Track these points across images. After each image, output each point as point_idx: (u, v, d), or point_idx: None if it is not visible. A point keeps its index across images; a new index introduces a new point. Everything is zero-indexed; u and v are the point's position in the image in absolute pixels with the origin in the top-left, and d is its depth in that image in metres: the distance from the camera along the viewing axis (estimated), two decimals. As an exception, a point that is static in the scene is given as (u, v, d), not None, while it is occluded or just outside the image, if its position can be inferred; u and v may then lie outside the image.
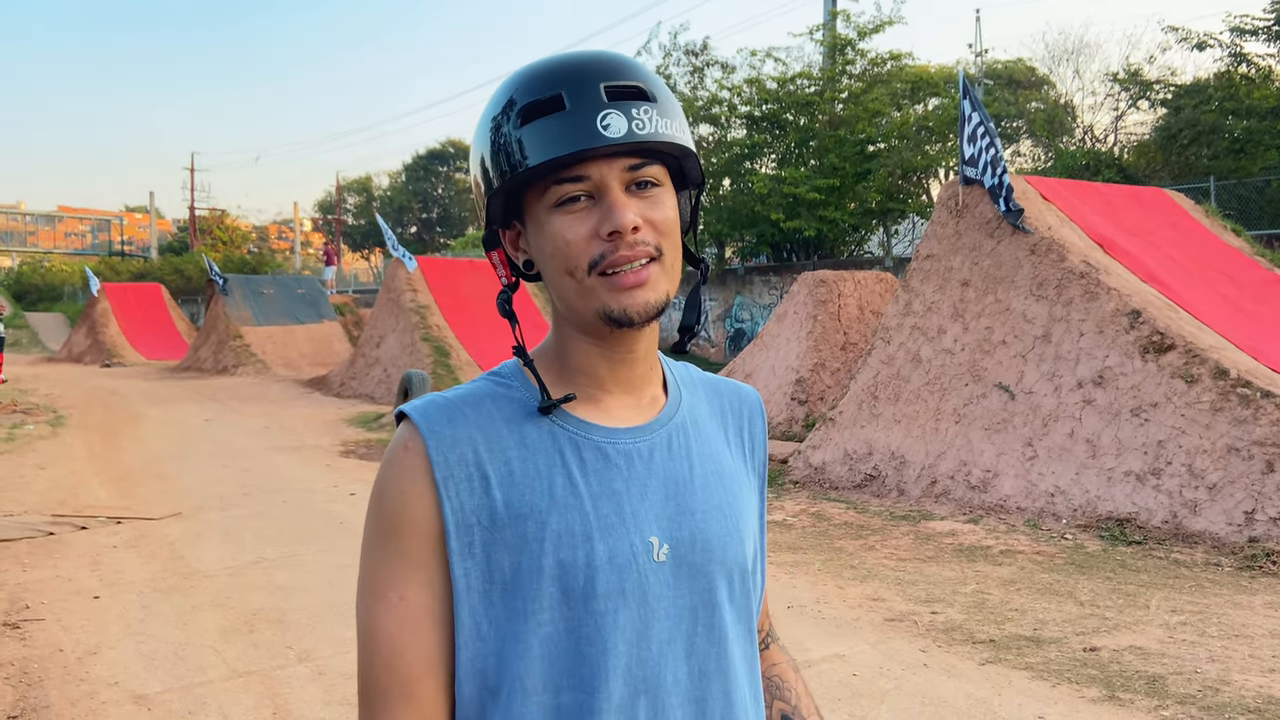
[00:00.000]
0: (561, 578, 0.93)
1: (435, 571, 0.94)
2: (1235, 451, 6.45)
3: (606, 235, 0.94)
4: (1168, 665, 4.36)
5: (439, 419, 0.97)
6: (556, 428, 0.99)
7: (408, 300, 18.69)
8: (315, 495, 8.80)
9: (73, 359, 30.82)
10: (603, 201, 0.95)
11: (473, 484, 0.95)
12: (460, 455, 0.95)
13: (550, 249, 0.96)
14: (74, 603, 5.57)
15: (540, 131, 0.93)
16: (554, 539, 0.94)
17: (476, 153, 1.00)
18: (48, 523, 7.61)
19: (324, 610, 5.38)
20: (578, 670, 0.94)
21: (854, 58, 21.16)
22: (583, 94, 0.93)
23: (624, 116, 0.93)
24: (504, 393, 1.01)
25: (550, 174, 0.94)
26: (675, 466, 1.01)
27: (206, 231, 50.38)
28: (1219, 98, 16.65)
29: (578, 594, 0.93)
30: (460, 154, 50.52)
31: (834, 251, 21.98)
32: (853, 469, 8.71)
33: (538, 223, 0.97)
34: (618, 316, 0.95)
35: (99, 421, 14.80)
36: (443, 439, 0.96)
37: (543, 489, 0.95)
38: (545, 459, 0.97)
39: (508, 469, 0.96)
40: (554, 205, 0.95)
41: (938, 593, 5.59)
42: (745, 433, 1.13)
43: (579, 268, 0.95)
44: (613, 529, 0.95)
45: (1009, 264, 8.40)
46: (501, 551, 0.94)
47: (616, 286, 0.94)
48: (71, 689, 4.29)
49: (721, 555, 1.01)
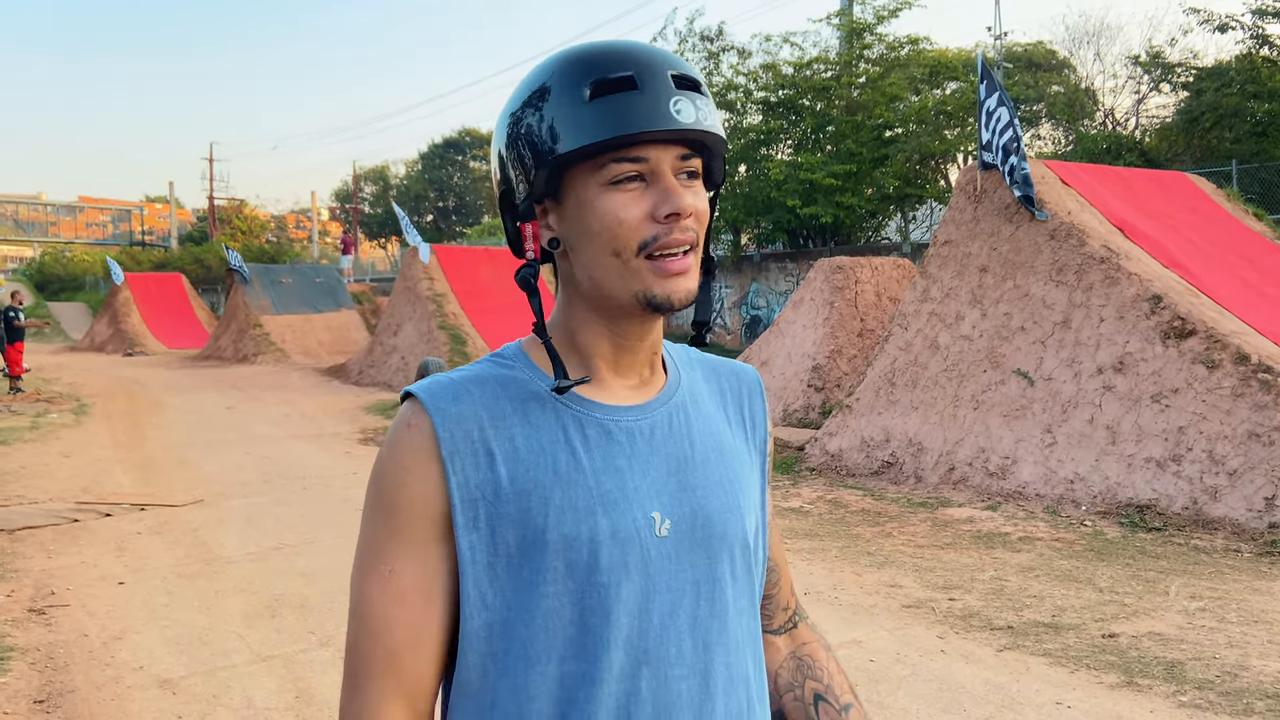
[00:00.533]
0: (565, 551, 0.95)
1: (432, 548, 0.96)
2: (1256, 437, 6.41)
3: (664, 217, 0.95)
4: (1186, 651, 4.35)
5: (444, 397, 0.99)
6: (560, 406, 1.00)
7: (424, 289, 18.75)
8: (335, 482, 8.87)
9: (95, 348, 31.11)
10: (658, 184, 0.96)
11: (478, 459, 0.96)
12: (465, 431, 0.97)
13: (599, 226, 0.96)
14: (99, 588, 5.65)
15: (612, 107, 0.94)
16: (558, 513, 0.95)
17: (520, 125, 0.99)
18: (72, 510, 7.70)
19: (344, 595, 5.43)
20: (580, 640, 0.95)
21: (871, 42, 21.01)
22: (654, 77, 0.95)
23: (692, 105, 0.95)
24: (506, 374, 1.02)
25: (609, 151, 0.95)
26: (676, 444, 1.03)
27: (225, 221, 50.64)
28: (1241, 80, 16.43)
29: (581, 567, 0.95)
30: (476, 142, 50.50)
31: (851, 238, 21.87)
32: (870, 456, 8.70)
33: (582, 200, 0.97)
34: (659, 302, 0.96)
35: (122, 410, 14.95)
36: (448, 416, 0.97)
37: (547, 465, 0.97)
38: (549, 435, 0.98)
39: (512, 445, 0.97)
40: (607, 183, 0.96)
41: (955, 579, 5.59)
42: (745, 410, 1.14)
43: (628, 248, 0.96)
44: (616, 504, 0.97)
45: (1028, 249, 8.35)
46: (506, 526, 0.96)
47: (663, 272, 0.96)
48: (97, 673, 4.35)
49: (722, 531, 1.03)
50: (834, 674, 1.20)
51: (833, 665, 1.21)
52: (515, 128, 1.00)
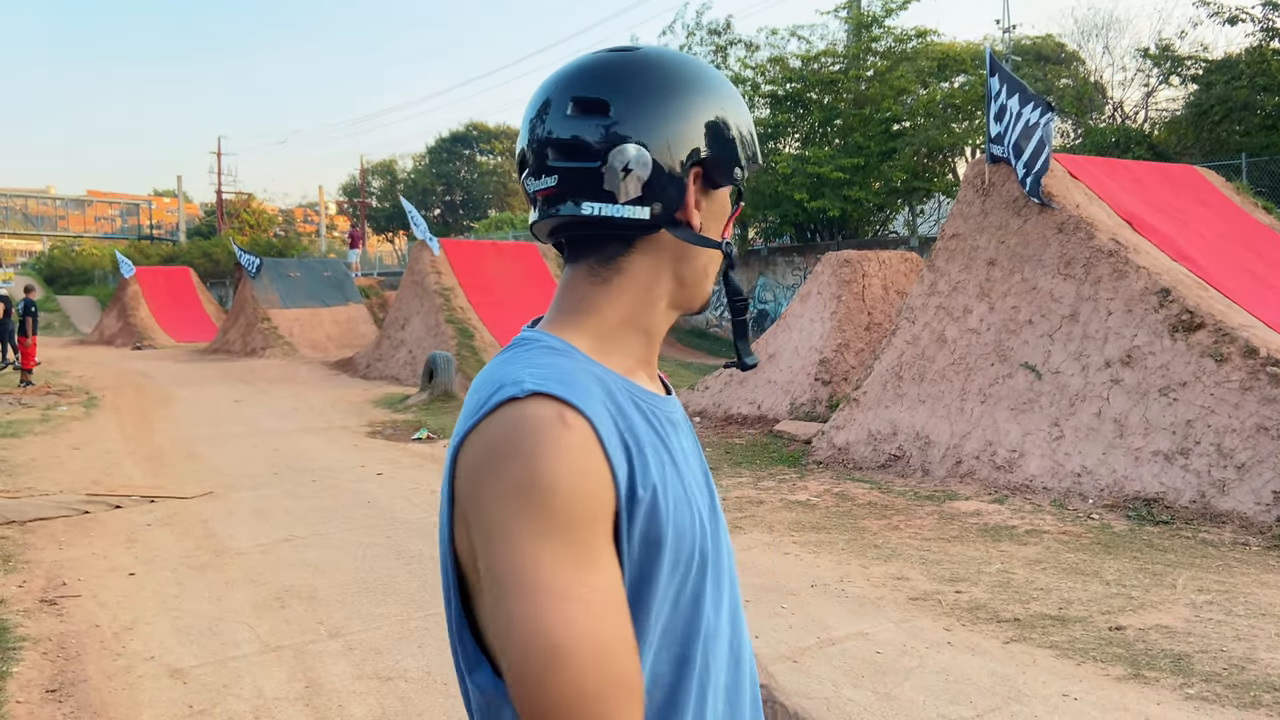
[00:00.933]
0: (676, 540, 0.93)
1: (612, 551, 0.88)
2: (1265, 431, 6.39)
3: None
4: (1194, 644, 4.35)
5: (579, 390, 0.90)
6: (639, 401, 0.98)
7: (432, 283, 18.78)
8: (343, 475, 8.90)
9: (104, 341, 31.23)
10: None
11: (627, 453, 0.91)
12: (613, 424, 0.91)
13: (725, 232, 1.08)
14: (110, 579, 5.69)
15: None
16: (672, 505, 0.93)
17: (732, 120, 1.06)
18: (83, 502, 7.75)
19: (354, 587, 5.46)
20: (678, 626, 0.97)
21: (879, 35, 20.96)
22: None
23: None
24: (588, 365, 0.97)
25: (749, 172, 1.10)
26: (690, 435, 1.10)
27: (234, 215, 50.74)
28: (1251, 73, 16.34)
29: (685, 554, 0.95)
30: (484, 136, 50.48)
31: (858, 231, 21.83)
32: (877, 449, 8.70)
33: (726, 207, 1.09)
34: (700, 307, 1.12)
35: (131, 403, 15.01)
36: (596, 412, 0.89)
37: (655, 455, 0.94)
38: (641, 425, 0.95)
39: (635, 436, 0.93)
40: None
41: (962, 572, 5.59)
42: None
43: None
44: (694, 491, 1.00)
45: (1036, 243, 8.33)
46: (638, 522, 0.90)
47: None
48: (108, 663, 4.39)
49: (720, 511, 1.10)
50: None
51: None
52: (726, 116, 1.05)
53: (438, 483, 8.46)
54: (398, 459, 9.80)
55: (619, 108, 0.98)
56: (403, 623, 4.86)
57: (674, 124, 1.00)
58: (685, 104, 1.01)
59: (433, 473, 9.00)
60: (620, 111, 0.98)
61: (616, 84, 0.99)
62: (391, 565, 5.89)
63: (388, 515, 7.25)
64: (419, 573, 5.72)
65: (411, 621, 4.87)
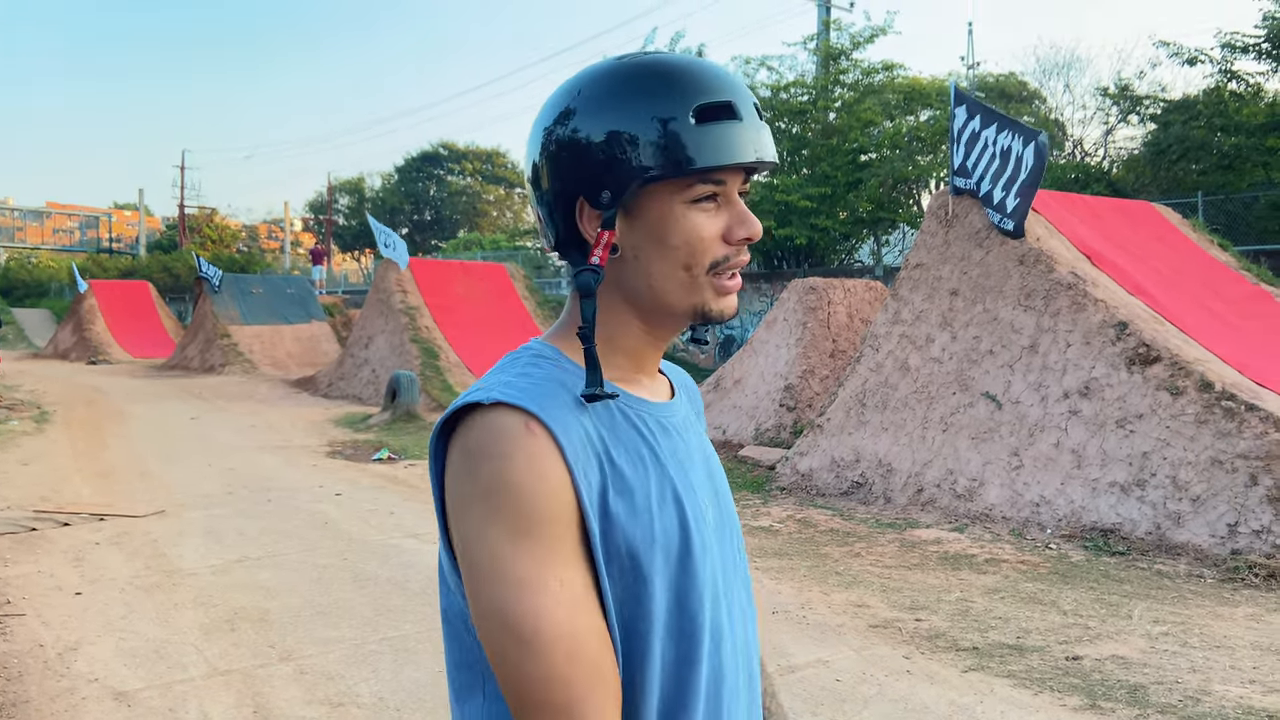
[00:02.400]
0: (665, 543, 0.98)
1: (581, 551, 0.93)
2: (1219, 464, 6.49)
3: (740, 240, 1.02)
4: (1149, 675, 4.38)
5: (546, 400, 0.94)
6: (621, 407, 1.02)
7: (397, 301, 18.64)
8: (300, 495, 8.76)
9: (58, 355, 30.63)
10: (731, 208, 1.02)
11: (591, 461, 0.95)
12: (580, 434, 0.95)
13: (677, 241, 1.00)
14: (55, 599, 5.53)
15: (719, 135, 0.98)
16: (656, 507, 0.98)
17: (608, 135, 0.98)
18: (30, 518, 7.55)
19: (307, 610, 5.35)
20: (679, 626, 0.99)
21: (847, 67, 21.25)
22: (748, 107, 1.01)
23: (770, 138, 1.03)
24: (565, 375, 1.00)
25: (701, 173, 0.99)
26: (696, 437, 1.12)
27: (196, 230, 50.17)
28: (1208, 114, 16.75)
29: (675, 556, 0.98)
30: (454, 156, 50.44)
31: (825, 259, 22.03)
32: (840, 476, 8.72)
33: (663, 215, 1.00)
34: (715, 316, 1.03)
35: (83, 418, 14.71)
36: (559, 420, 0.94)
37: (636, 460, 0.99)
38: (625, 433, 1.00)
39: (604, 444, 0.97)
40: (689, 201, 1.00)
41: (922, 600, 5.60)
42: (699, 410, 1.24)
43: (701, 264, 1.01)
44: (688, 492, 1.02)
45: (997, 274, 8.44)
46: (616, 527, 0.95)
47: (724, 290, 1.03)
48: (51, 684, 4.26)
49: (731, 514, 1.13)
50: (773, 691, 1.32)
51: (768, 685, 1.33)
52: (598, 136, 0.99)
53: (398, 504, 8.35)
54: (357, 479, 9.67)
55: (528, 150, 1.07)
56: (357, 646, 4.76)
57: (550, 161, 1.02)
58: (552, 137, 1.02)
59: (393, 494, 8.88)
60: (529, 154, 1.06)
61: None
62: (347, 588, 5.79)
63: (345, 537, 7.14)
64: (375, 595, 5.63)
65: (366, 645, 4.78)
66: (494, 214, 50.11)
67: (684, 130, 0.97)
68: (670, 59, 1.01)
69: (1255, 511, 6.21)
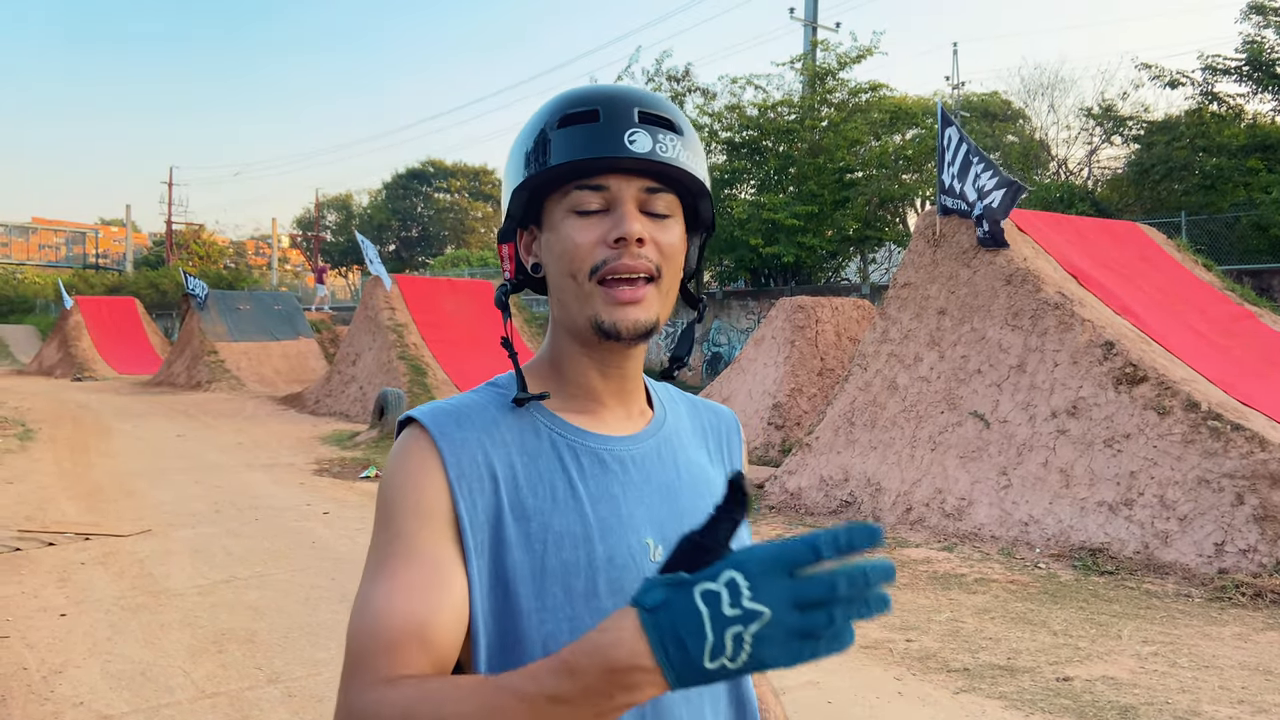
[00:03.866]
0: (565, 578, 0.96)
1: (438, 551, 0.94)
2: (1206, 483, 6.53)
3: (613, 241, 0.99)
4: (1139, 695, 4.39)
5: (447, 422, 1.00)
6: (555, 435, 1.03)
7: (385, 318, 18.61)
8: (288, 513, 8.71)
9: (43, 372, 30.42)
10: (615, 212, 1.00)
11: (483, 484, 0.97)
12: (470, 456, 0.98)
13: (559, 249, 1.01)
14: (39, 620, 5.48)
15: (571, 136, 0.99)
16: (556, 540, 0.97)
17: (511, 155, 1.06)
18: (14, 538, 7.48)
19: (295, 631, 5.31)
20: None
21: (834, 87, 21.41)
22: (616, 112, 1.00)
23: (650, 137, 0.99)
24: (504, 402, 1.04)
25: (572, 178, 1.00)
26: (665, 473, 1.07)
27: (183, 246, 50.02)
28: (1190, 135, 16.94)
29: (579, 593, 0.96)
30: (441, 174, 50.53)
31: (812, 278, 22.12)
32: (828, 495, 8.73)
33: (552, 225, 1.02)
34: (608, 329, 0.99)
35: (69, 436, 14.60)
36: (453, 440, 0.98)
37: (545, 493, 0.99)
38: (546, 464, 1.00)
39: (512, 471, 0.99)
40: (571, 210, 1.00)
41: (912, 620, 5.60)
42: (725, 449, 1.19)
43: (581, 271, 0.99)
44: (611, 531, 0.99)
45: (985, 293, 8.49)
46: (505, 551, 0.96)
47: (613, 299, 0.99)
48: (35, 708, 4.21)
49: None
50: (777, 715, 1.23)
51: (780, 711, 1.23)
52: (509, 158, 1.06)
53: (385, 523, 8.30)
54: (345, 498, 9.62)
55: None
56: (346, 668, 4.72)
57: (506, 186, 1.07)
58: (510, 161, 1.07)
59: (380, 513, 8.83)
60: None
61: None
62: (335, 608, 5.75)
63: (333, 556, 7.09)
64: (364, 616, 5.58)
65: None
66: (481, 231, 50.14)
67: (549, 136, 1.00)
68: (587, 87, 1.05)
69: (1242, 531, 6.24)
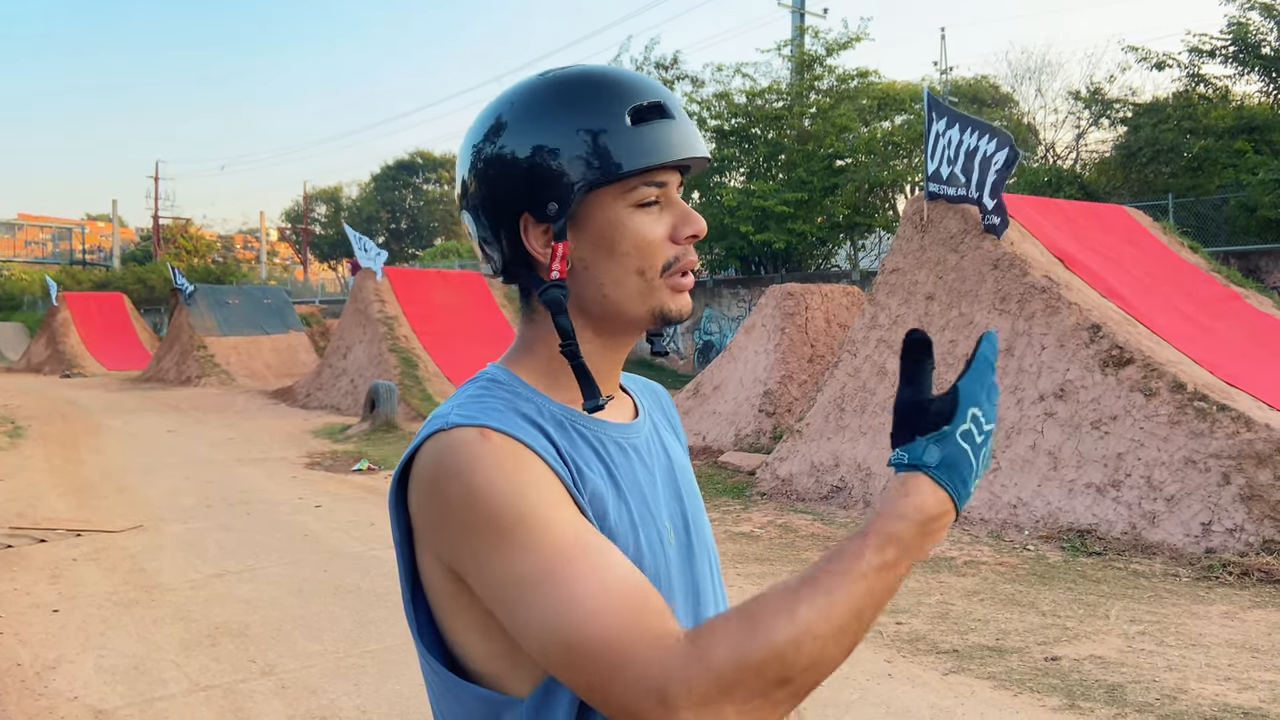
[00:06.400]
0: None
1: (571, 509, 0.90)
2: (1192, 464, 6.58)
3: (687, 238, 1.00)
4: (1127, 674, 4.44)
5: (497, 416, 0.93)
6: (580, 427, 1.00)
7: (375, 311, 18.57)
8: (280, 507, 8.71)
9: (32, 369, 30.31)
10: (674, 208, 1.00)
11: (565, 466, 0.93)
12: (544, 439, 0.93)
13: (628, 246, 0.98)
14: (32, 616, 5.48)
15: (656, 134, 0.97)
16: (611, 530, 0.96)
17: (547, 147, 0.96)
18: (5, 535, 7.47)
19: (288, 623, 5.33)
20: None
21: (822, 73, 21.40)
22: (678, 108, 1.00)
23: (700, 136, 1.01)
24: (520, 400, 0.98)
25: (642, 174, 0.97)
26: (659, 458, 1.08)
27: (170, 240, 49.80)
28: (1177, 117, 16.99)
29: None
30: (430, 165, 50.32)
31: (802, 264, 22.15)
32: (819, 481, 8.77)
33: (610, 221, 0.97)
34: (673, 317, 1.01)
35: (58, 432, 14.56)
36: (528, 433, 0.92)
37: (598, 483, 0.96)
38: (586, 455, 0.98)
39: (574, 456, 0.96)
40: (635, 205, 0.98)
41: (902, 603, 5.64)
42: (674, 424, 1.20)
43: (654, 267, 0.99)
44: (645, 519, 1.00)
45: (972, 278, 8.52)
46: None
47: (679, 288, 1.01)
48: (29, 703, 4.22)
49: (701, 533, 1.08)
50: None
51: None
52: (537, 149, 0.96)
53: (378, 515, 8.32)
54: (337, 491, 9.63)
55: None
56: (339, 660, 4.75)
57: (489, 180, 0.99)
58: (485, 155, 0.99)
59: (373, 505, 8.85)
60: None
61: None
62: (328, 600, 5.77)
63: (326, 548, 7.10)
64: (356, 608, 5.61)
65: (348, 659, 4.76)
66: (471, 222, 49.97)
67: (621, 133, 0.96)
68: (598, 69, 1.00)
69: (1228, 510, 6.29)
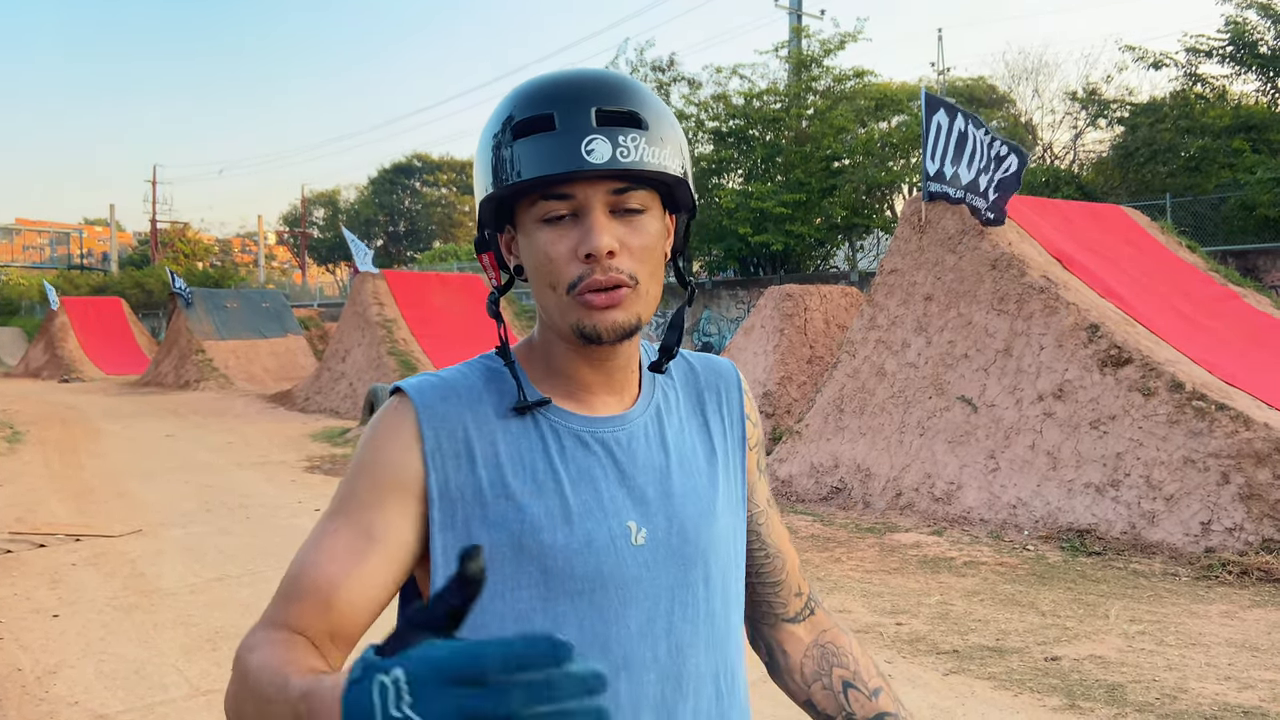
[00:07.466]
0: (541, 558, 0.97)
1: (379, 522, 0.97)
2: (1191, 463, 6.58)
3: (583, 257, 0.95)
4: (1127, 674, 4.44)
5: (432, 395, 1.01)
6: (539, 416, 1.03)
7: (374, 314, 18.57)
8: (279, 511, 8.71)
9: (30, 374, 30.29)
10: (583, 222, 0.96)
11: (460, 460, 0.99)
12: (450, 430, 1.00)
13: (534, 262, 0.99)
14: (32, 621, 5.47)
15: (530, 149, 0.94)
16: (534, 520, 0.97)
17: (477, 160, 1.03)
18: (5, 540, 7.47)
19: (289, 627, 5.32)
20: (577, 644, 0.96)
21: (819, 74, 21.40)
22: (573, 116, 0.94)
23: (609, 143, 0.93)
24: (494, 378, 1.05)
25: (538, 189, 0.96)
26: (651, 454, 1.05)
27: (168, 244, 49.79)
28: (1174, 117, 17.01)
29: (556, 574, 0.97)
30: (428, 168, 50.41)
31: (800, 266, 22.15)
32: (819, 482, 8.77)
33: (526, 233, 1.00)
34: (589, 334, 0.98)
35: (57, 437, 14.55)
36: (434, 413, 1.00)
37: (526, 473, 0.99)
38: (528, 444, 1.01)
39: (494, 449, 1.00)
40: (540, 219, 0.97)
41: (903, 604, 5.64)
42: (723, 408, 1.16)
43: (559, 284, 0.97)
44: (591, 514, 0.99)
45: (971, 278, 8.53)
46: (481, 528, 0.98)
47: (590, 305, 0.96)
48: (30, 709, 4.22)
49: (695, 537, 1.05)
50: (859, 659, 1.21)
51: (857, 650, 1.22)
52: (475, 163, 1.03)
53: (377, 518, 8.31)
54: (336, 494, 9.61)
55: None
56: (340, 663, 4.74)
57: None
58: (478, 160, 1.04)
59: (372, 508, 8.84)
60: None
61: None
62: (329, 604, 5.76)
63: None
64: (357, 611, 5.60)
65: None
66: (469, 225, 50.05)
67: (505, 147, 0.96)
68: (548, 76, 0.99)
69: (1227, 509, 6.30)
